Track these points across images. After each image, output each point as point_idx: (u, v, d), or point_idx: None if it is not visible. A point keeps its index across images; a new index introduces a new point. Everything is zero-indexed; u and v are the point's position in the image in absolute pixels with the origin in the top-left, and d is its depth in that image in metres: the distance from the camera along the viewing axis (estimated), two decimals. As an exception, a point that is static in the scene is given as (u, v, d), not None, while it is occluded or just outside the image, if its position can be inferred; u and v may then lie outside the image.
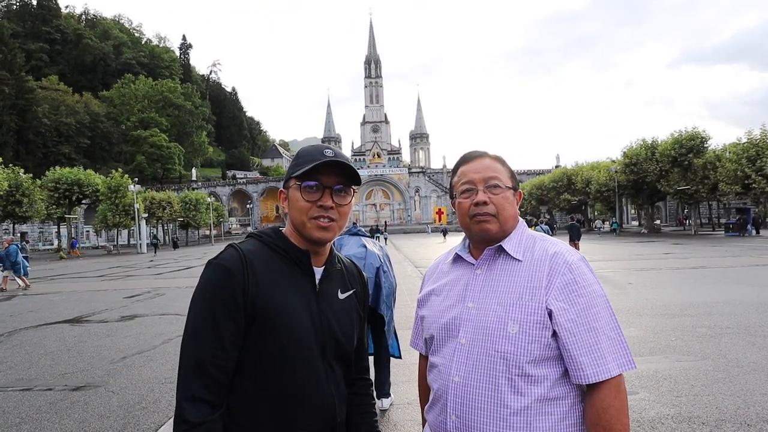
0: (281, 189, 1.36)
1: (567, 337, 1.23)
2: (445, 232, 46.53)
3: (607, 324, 1.26)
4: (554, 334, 1.25)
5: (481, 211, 1.34)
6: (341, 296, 1.35)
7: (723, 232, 38.04)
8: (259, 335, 1.20)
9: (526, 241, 1.37)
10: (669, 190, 40.88)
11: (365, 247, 4.16)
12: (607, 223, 57.43)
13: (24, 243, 29.38)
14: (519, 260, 1.33)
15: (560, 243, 1.36)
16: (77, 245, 40.47)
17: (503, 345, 1.25)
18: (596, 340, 1.23)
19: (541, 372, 1.24)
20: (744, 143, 34.05)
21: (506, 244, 1.35)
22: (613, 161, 48.12)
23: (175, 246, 50.44)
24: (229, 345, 1.17)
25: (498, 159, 1.43)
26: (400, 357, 4.52)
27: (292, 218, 1.30)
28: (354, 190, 1.33)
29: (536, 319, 1.24)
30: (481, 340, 1.28)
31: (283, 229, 1.35)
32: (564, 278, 1.26)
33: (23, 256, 27.32)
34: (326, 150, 1.28)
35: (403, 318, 7.96)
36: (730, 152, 35.21)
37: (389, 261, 4.44)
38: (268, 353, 1.20)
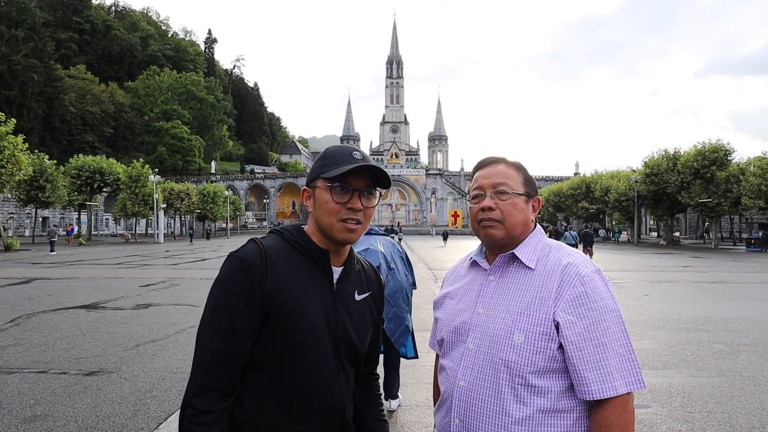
0: (305, 187, 1.35)
1: (573, 351, 1.21)
2: (445, 236, 43.53)
3: (618, 340, 1.22)
4: (560, 346, 1.23)
5: (487, 216, 1.35)
6: (358, 297, 1.36)
7: (744, 247, 37.21)
8: (274, 330, 1.21)
9: (542, 249, 1.35)
10: (690, 203, 40.13)
11: (367, 249, 4.18)
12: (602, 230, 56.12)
13: (53, 227, 30.09)
14: (531, 269, 1.31)
15: (576, 253, 1.33)
16: (73, 234, 40.51)
17: (508, 354, 1.24)
18: (604, 356, 1.20)
19: (546, 383, 1.23)
20: (770, 157, 33.32)
21: (519, 252, 1.34)
22: (634, 171, 47.40)
23: (208, 237, 54.68)
24: (242, 337, 1.19)
25: (514, 165, 1.41)
26: (416, 357, 4.52)
27: (317, 219, 1.30)
28: (380, 192, 1.35)
29: (542, 330, 1.23)
30: (487, 346, 1.28)
31: (305, 227, 1.35)
32: (575, 290, 1.23)
33: (51, 240, 28.12)
34: (354, 152, 1.29)
35: (414, 320, 7.94)
36: (754, 166, 34.42)
37: (404, 258, 4.43)
38: (282, 348, 1.22)
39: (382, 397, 1.53)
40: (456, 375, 1.32)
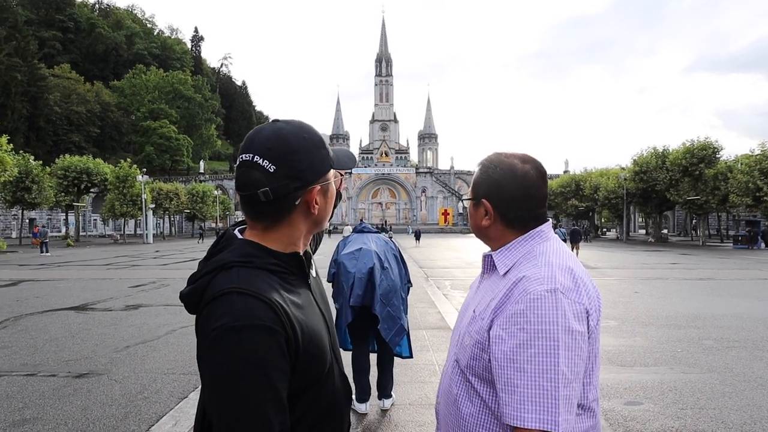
0: (316, 185, 1.07)
1: (495, 368, 1.14)
2: (418, 235, 40.22)
3: (543, 372, 1.07)
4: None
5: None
6: (313, 274, 1.23)
7: (731, 245, 37.70)
8: (301, 369, 1.02)
9: (524, 255, 1.25)
10: (678, 200, 40.57)
11: (360, 249, 4.19)
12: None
13: (43, 228, 29.59)
14: (502, 275, 1.26)
15: (546, 267, 1.19)
16: (39, 235, 37.89)
17: (459, 352, 1.29)
18: (521, 382, 1.08)
19: (485, 389, 1.21)
20: (757, 155, 33.76)
21: (496, 255, 1.30)
22: (623, 168, 47.84)
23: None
24: (287, 404, 0.97)
25: (480, 165, 1.35)
26: (411, 356, 4.54)
27: (319, 217, 1.11)
28: None
29: (478, 338, 1.20)
30: (455, 341, 1.36)
31: (259, 242, 1.07)
32: (515, 307, 1.14)
33: (44, 242, 27.52)
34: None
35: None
36: (742, 164, 34.85)
37: (397, 256, 4.43)
38: (310, 382, 1.04)
39: None
40: (446, 360, 1.42)
